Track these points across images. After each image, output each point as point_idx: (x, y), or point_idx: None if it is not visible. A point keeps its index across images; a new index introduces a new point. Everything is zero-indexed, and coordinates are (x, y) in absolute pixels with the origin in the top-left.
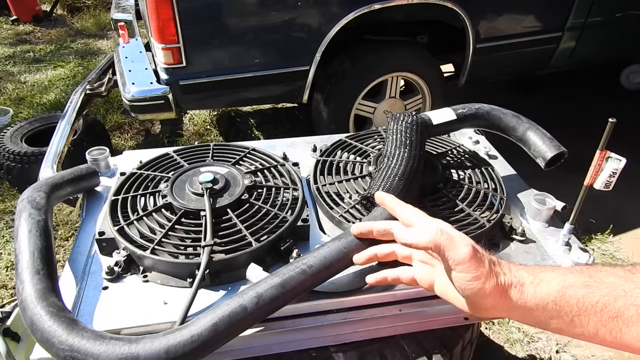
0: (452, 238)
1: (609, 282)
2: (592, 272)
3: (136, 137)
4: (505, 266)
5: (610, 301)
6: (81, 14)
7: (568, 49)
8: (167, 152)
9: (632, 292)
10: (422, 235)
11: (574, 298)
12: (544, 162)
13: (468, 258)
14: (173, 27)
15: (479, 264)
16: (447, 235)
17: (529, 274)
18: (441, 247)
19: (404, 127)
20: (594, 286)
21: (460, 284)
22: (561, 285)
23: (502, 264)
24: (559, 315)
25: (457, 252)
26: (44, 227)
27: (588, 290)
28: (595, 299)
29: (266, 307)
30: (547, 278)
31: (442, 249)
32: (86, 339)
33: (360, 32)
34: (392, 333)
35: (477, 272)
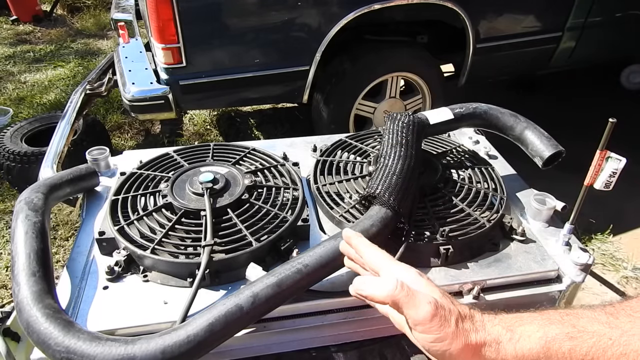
0: (413, 295)
1: (594, 331)
2: (574, 319)
3: (136, 137)
4: (479, 321)
5: (599, 353)
6: (81, 14)
7: (568, 49)
8: (167, 152)
9: (619, 339)
10: (379, 290)
11: (559, 353)
12: (541, 161)
13: (429, 318)
14: (173, 27)
15: (442, 324)
16: (407, 292)
17: (506, 330)
18: (399, 304)
19: (400, 126)
20: (578, 337)
21: (423, 344)
22: (544, 340)
23: (475, 319)
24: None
25: (417, 311)
26: (40, 229)
27: (573, 342)
28: (583, 351)
29: (262, 306)
30: (526, 332)
31: (400, 305)
32: (82, 341)
33: (360, 32)
34: (393, 333)
35: (439, 334)
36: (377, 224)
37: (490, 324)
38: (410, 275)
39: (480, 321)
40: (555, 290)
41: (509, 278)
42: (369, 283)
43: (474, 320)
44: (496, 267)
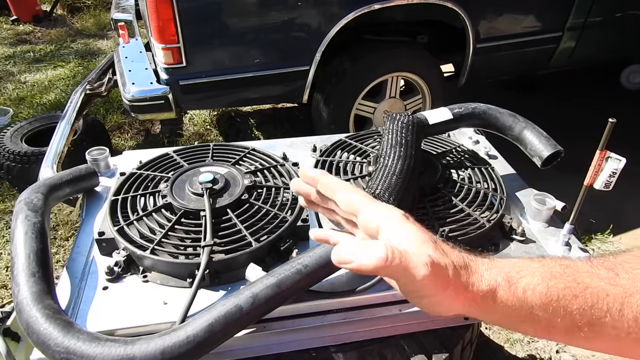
0: (406, 261)
1: (596, 288)
2: (574, 273)
3: (136, 137)
4: (475, 270)
5: (601, 312)
6: (81, 14)
7: (568, 49)
8: (167, 152)
9: (620, 298)
10: (366, 260)
11: (560, 309)
12: (540, 161)
13: (426, 284)
14: (173, 27)
15: (440, 285)
16: (399, 259)
17: (504, 281)
18: (392, 274)
19: (399, 126)
20: (580, 296)
21: (419, 306)
22: (546, 296)
23: (471, 268)
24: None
25: (414, 279)
26: (40, 230)
27: (576, 301)
28: (584, 309)
29: (262, 307)
30: (529, 285)
31: (393, 276)
32: (82, 341)
33: (360, 32)
34: (392, 333)
35: (437, 296)
36: None
37: (488, 273)
38: (396, 220)
39: (476, 270)
40: None
41: None
42: (355, 251)
43: (470, 269)
44: None
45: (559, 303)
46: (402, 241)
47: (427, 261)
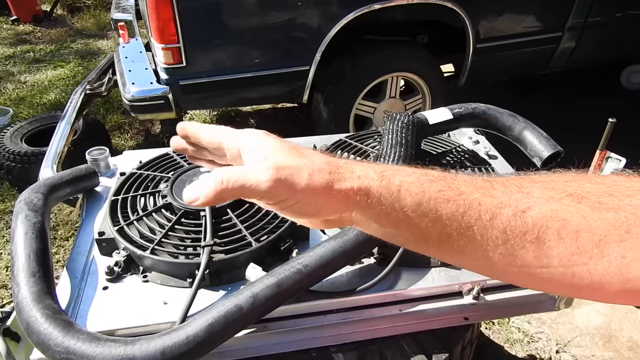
0: (246, 174)
1: (469, 195)
2: (450, 180)
3: (136, 137)
4: (345, 169)
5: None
6: (81, 14)
7: (568, 49)
8: (167, 152)
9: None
10: (206, 190)
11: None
12: (540, 161)
13: (271, 187)
14: (173, 27)
15: (290, 185)
16: (236, 176)
17: (379, 177)
18: (240, 194)
19: (399, 126)
20: (452, 200)
21: (277, 211)
22: (421, 196)
23: (340, 167)
24: None
25: (258, 187)
26: (40, 229)
27: (448, 204)
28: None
29: (262, 307)
30: (404, 184)
31: (244, 196)
32: (82, 341)
33: (360, 32)
34: (392, 333)
35: (289, 196)
36: None
37: (360, 169)
38: (254, 138)
39: (346, 168)
40: None
41: None
42: (198, 186)
43: (338, 167)
44: None
45: (430, 204)
46: (256, 155)
47: (269, 165)
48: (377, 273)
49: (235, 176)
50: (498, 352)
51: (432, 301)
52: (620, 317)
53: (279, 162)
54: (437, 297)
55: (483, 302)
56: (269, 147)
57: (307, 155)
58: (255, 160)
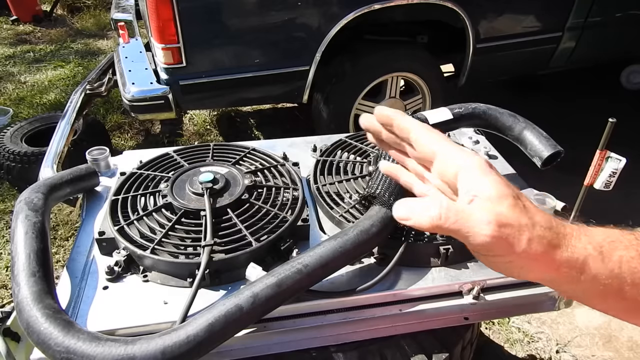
0: (463, 219)
1: None
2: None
3: (136, 137)
4: (563, 237)
5: None
6: (81, 14)
7: (568, 49)
8: (167, 152)
9: None
10: (421, 218)
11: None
12: (540, 161)
13: (489, 243)
14: (173, 27)
15: (508, 246)
16: (455, 217)
17: (596, 252)
18: (451, 233)
19: None
20: None
21: (492, 266)
22: None
23: (558, 233)
24: None
25: (474, 238)
26: (40, 229)
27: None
28: None
29: (262, 306)
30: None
31: (451, 233)
32: (82, 341)
33: (360, 32)
34: (392, 333)
35: (505, 257)
36: (377, 224)
37: (577, 241)
38: (477, 167)
39: (564, 235)
40: None
41: (509, 278)
42: (413, 208)
43: (556, 233)
44: None
45: None
46: (478, 192)
47: (491, 219)
48: (377, 273)
49: (454, 217)
50: (498, 352)
51: (432, 301)
52: None
53: (501, 218)
54: (437, 297)
55: (483, 302)
56: (493, 190)
57: (530, 212)
58: (477, 201)
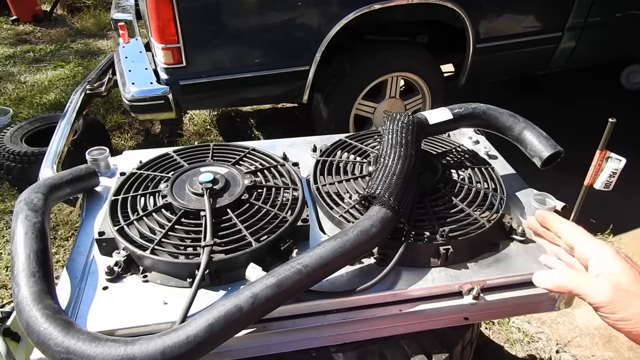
0: (579, 287)
1: None
2: None
3: (136, 137)
4: None
5: None
6: (81, 14)
7: (568, 49)
8: (167, 152)
9: None
10: (545, 282)
11: None
12: (540, 161)
13: (606, 302)
14: (173, 27)
15: (624, 305)
16: (570, 286)
17: None
18: (573, 292)
19: (399, 126)
20: None
21: (608, 323)
22: None
23: None
24: None
25: (593, 297)
26: (40, 229)
27: None
28: None
29: (262, 307)
30: None
31: (575, 294)
32: (82, 341)
33: (360, 32)
34: (392, 333)
35: (622, 314)
36: (377, 224)
37: None
38: (607, 252)
39: None
40: None
41: (508, 278)
42: (542, 276)
43: None
44: (496, 267)
45: None
46: (604, 264)
47: (611, 284)
48: (377, 273)
49: (569, 287)
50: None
51: (432, 301)
52: None
53: (624, 285)
54: (437, 297)
55: (483, 302)
56: (622, 268)
57: None
58: (602, 275)
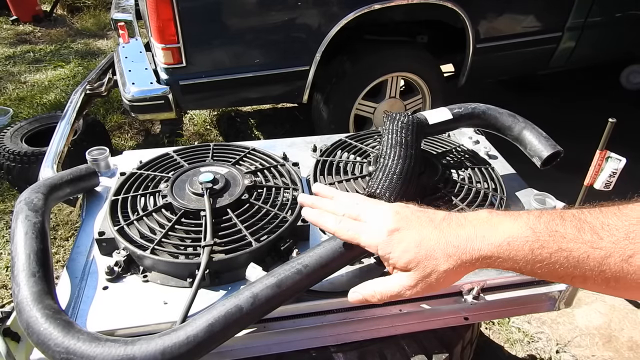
0: (358, 229)
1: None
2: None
3: (136, 137)
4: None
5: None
6: (81, 14)
7: (568, 49)
8: (167, 152)
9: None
10: (327, 222)
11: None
12: (539, 161)
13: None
14: (173, 27)
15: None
16: (350, 227)
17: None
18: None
19: (399, 126)
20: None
21: None
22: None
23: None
24: None
25: (368, 244)
26: (40, 229)
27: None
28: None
29: (262, 307)
30: None
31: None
32: (82, 341)
33: (360, 32)
34: (392, 333)
35: None
36: None
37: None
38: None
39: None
40: (555, 290)
41: (508, 278)
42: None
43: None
44: None
45: (546, 269)
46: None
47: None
48: (377, 273)
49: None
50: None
51: (432, 301)
52: (620, 317)
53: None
54: (437, 297)
55: (483, 302)
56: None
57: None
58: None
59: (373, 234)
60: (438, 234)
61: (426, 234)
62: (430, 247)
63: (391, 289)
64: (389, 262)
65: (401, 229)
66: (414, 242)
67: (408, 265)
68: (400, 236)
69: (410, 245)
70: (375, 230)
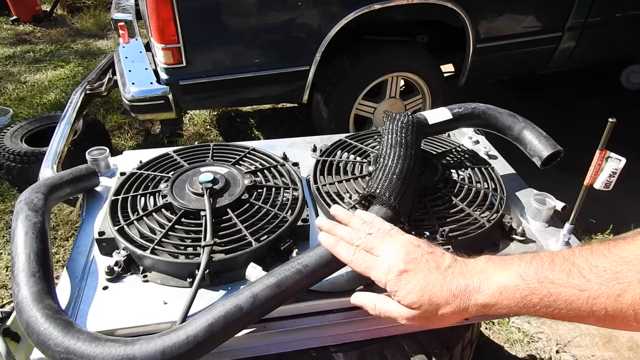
0: (370, 264)
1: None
2: (549, 285)
3: (136, 137)
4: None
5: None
6: (81, 14)
7: (568, 49)
8: (167, 152)
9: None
10: (341, 252)
11: None
12: (540, 161)
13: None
14: (173, 27)
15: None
16: (362, 260)
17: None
18: (360, 271)
19: (399, 126)
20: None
21: None
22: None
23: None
24: None
25: (378, 279)
26: (40, 229)
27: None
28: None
29: (262, 307)
30: None
31: (361, 272)
32: (82, 341)
33: (360, 32)
34: (392, 333)
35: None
36: None
37: (476, 284)
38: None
39: (467, 291)
40: None
41: None
42: (336, 245)
43: (460, 294)
44: None
45: (540, 311)
46: (374, 242)
47: (394, 265)
48: None
49: (361, 254)
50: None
51: None
52: None
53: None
54: None
55: None
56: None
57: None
58: (378, 258)
59: (383, 271)
60: (442, 281)
61: (432, 279)
62: (434, 293)
63: (390, 312)
64: (394, 298)
65: (410, 270)
66: (420, 286)
67: (411, 305)
68: (408, 278)
69: (416, 288)
70: (385, 269)
